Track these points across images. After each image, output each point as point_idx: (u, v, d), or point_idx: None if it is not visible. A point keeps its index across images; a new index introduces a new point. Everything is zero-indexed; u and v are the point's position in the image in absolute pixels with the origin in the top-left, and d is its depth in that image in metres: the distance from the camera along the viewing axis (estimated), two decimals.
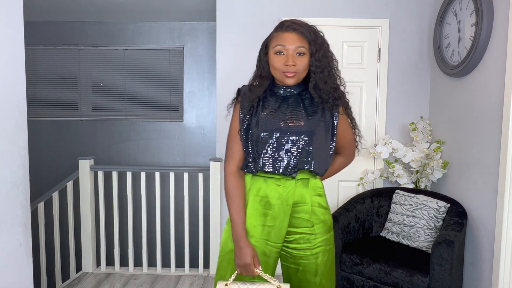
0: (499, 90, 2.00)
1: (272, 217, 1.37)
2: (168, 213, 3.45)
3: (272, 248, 1.38)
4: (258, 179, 1.40)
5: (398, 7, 2.87)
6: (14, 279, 1.32)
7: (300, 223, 1.40)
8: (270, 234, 1.37)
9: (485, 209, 2.13)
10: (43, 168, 4.14)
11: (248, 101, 1.40)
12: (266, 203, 1.38)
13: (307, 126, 1.37)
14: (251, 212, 1.38)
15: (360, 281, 2.23)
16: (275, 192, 1.37)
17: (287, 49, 1.31)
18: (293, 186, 1.38)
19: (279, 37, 1.33)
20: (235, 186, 1.38)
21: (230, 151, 1.42)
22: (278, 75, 1.36)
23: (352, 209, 2.49)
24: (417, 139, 2.70)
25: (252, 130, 1.38)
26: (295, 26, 1.32)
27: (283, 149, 1.36)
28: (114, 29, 4.10)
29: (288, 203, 1.38)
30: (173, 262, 3.10)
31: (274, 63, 1.34)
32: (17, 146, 1.33)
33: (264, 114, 1.39)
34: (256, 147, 1.38)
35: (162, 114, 4.24)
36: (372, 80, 2.89)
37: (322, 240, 1.42)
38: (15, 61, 1.32)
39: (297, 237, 1.40)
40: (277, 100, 1.41)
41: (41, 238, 3.02)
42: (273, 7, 2.88)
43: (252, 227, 1.37)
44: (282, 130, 1.36)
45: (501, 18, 2.01)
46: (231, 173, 1.39)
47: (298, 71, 1.33)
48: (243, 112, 1.40)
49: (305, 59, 1.33)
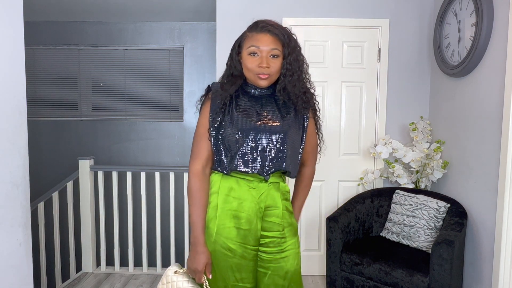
0: (499, 90, 2.00)
1: (246, 220, 1.34)
2: (168, 213, 3.45)
3: (251, 252, 1.35)
4: (229, 178, 1.35)
5: (398, 7, 2.87)
6: (14, 279, 1.32)
7: (271, 227, 1.37)
8: (248, 237, 1.34)
9: (485, 209, 2.13)
10: (43, 168, 4.14)
11: (220, 98, 1.35)
12: (239, 205, 1.34)
13: (282, 126, 1.35)
14: (223, 213, 1.34)
15: (360, 281, 2.23)
16: (248, 194, 1.34)
17: (261, 50, 1.29)
18: (266, 189, 1.36)
19: (253, 38, 1.31)
20: (198, 187, 1.33)
21: (196, 149, 1.37)
22: (251, 76, 1.34)
23: (352, 209, 2.50)
24: (417, 139, 2.70)
25: (225, 129, 1.34)
26: (270, 28, 1.30)
27: (258, 149, 1.33)
28: (114, 29, 4.10)
29: (261, 206, 1.35)
30: (173, 262, 3.09)
31: (248, 64, 1.32)
32: (17, 146, 1.33)
33: (238, 113, 1.35)
34: (229, 146, 1.33)
35: (162, 114, 4.24)
36: (372, 80, 2.89)
37: (291, 243, 1.40)
38: (15, 61, 1.32)
39: (267, 240, 1.37)
40: (250, 99, 1.38)
41: (41, 238, 3.02)
42: (273, 7, 2.88)
43: (225, 228, 1.33)
44: (257, 129, 1.33)
45: (501, 18, 2.01)
46: (195, 173, 1.34)
47: (271, 73, 1.31)
48: (214, 110, 1.35)
49: (279, 61, 1.32)
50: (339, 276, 2.31)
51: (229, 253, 1.33)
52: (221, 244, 1.33)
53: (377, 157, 2.74)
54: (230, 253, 1.33)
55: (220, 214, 1.34)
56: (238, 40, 1.38)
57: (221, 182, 1.36)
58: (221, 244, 1.33)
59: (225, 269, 1.33)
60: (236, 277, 1.34)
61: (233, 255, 1.33)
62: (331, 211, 2.91)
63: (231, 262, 1.33)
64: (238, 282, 1.34)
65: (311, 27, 2.86)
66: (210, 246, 1.33)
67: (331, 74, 2.89)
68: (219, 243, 1.33)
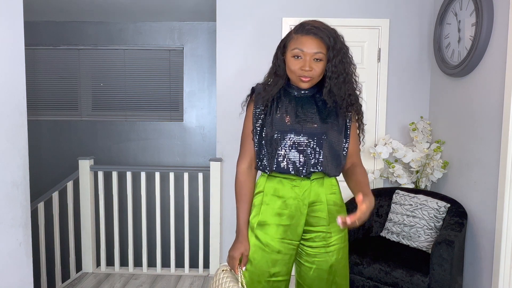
0: (499, 90, 2.00)
1: (288, 217, 1.40)
2: (168, 213, 3.45)
3: (288, 246, 1.41)
4: (273, 179, 1.42)
5: (398, 7, 2.87)
6: (14, 279, 1.32)
7: (317, 221, 1.42)
8: (287, 232, 1.40)
9: (485, 209, 2.13)
10: (43, 168, 4.14)
11: (262, 100, 1.41)
12: (283, 203, 1.40)
13: (320, 129, 1.38)
14: (266, 211, 1.41)
15: (360, 281, 2.23)
16: (292, 192, 1.40)
17: (305, 53, 1.31)
18: (309, 186, 1.40)
19: (298, 40, 1.32)
20: (242, 184, 1.43)
21: (243, 150, 1.46)
22: (293, 78, 1.37)
23: (352, 209, 2.49)
24: (417, 139, 2.70)
25: (266, 130, 1.40)
26: (315, 30, 1.31)
27: (295, 150, 1.38)
28: (114, 29, 4.10)
29: (305, 202, 1.40)
30: (173, 262, 3.10)
31: (291, 65, 1.34)
32: (17, 146, 1.33)
33: (279, 115, 1.40)
34: (270, 147, 1.40)
35: (162, 114, 4.24)
36: (372, 80, 2.89)
37: (337, 238, 1.44)
38: (15, 61, 1.32)
39: (313, 235, 1.42)
40: (291, 100, 1.42)
41: (41, 238, 3.02)
42: (273, 7, 2.88)
43: (266, 225, 1.41)
44: (295, 131, 1.38)
45: (501, 18, 2.01)
46: (242, 171, 1.44)
47: (313, 76, 1.34)
48: (257, 112, 1.42)
49: (322, 64, 1.33)
50: None
51: (267, 249, 1.39)
52: (261, 240, 1.40)
53: (377, 157, 2.74)
54: (267, 249, 1.39)
55: (263, 212, 1.42)
56: (284, 40, 1.40)
57: (266, 183, 1.44)
58: (261, 240, 1.40)
59: (261, 264, 1.40)
60: (270, 272, 1.40)
61: (270, 251, 1.39)
62: None
63: (267, 257, 1.39)
64: (271, 277, 1.40)
65: None
66: (250, 240, 1.41)
67: None
68: (259, 239, 1.40)
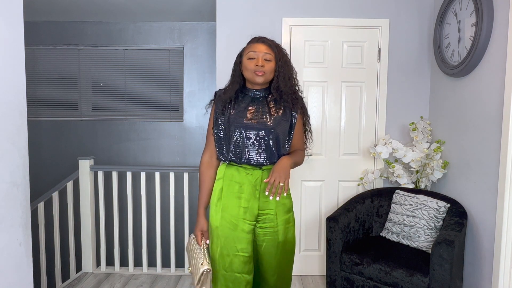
0: (499, 90, 2.00)
1: (245, 200, 1.67)
2: (168, 213, 3.45)
3: (248, 226, 1.67)
4: (231, 167, 1.70)
5: (398, 7, 2.87)
6: (14, 279, 1.32)
7: (266, 205, 1.69)
8: (246, 213, 1.67)
9: (485, 209, 2.13)
10: (43, 168, 4.14)
11: (222, 102, 1.72)
12: (239, 187, 1.67)
13: (270, 124, 1.65)
14: (227, 194, 1.69)
15: (360, 281, 2.23)
16: (246, 179, 1.67)
17: (257, 54, 1.65)
18: (260, 175, 1.68)
19: (251, 47, 1.68)
20: (203, 172, 1.76)
21: (206, 144, 1.79)
22: (249, 76, 1.66)
23: (352, 209, 2.49)
24: (417, 139, 2.70)
25: (225, 125, 1.69)
26: (264, 39, 1.69)
27: (248, 143, 1.65)
28: (114, 29, 4.10)
29: (257, 188, 1.67)
30: (173, 262, 3.10)
31: (247, 66, 1.65)
32: (17, 146, 1.33)
33: (234, 112, 1.68)
34: (227, 140, 1.68)
35: (162, 114, 4.24)
36: (372, 80, 2.89)
37: (282, 219, 1.71)
38: (15, 61, 1.32)
39: (264, 217, 1.70)
40: (245, 100, 1.71)
41: (41, 238, 3.02)
42: (273, 7, 2.87)
43: (229, 206, 1.67)
44: (247, 127, 1.65)
45: (501, 18, 2.01)
46: (203, 161, 1.77)
47: (266, 71, 1.64)
48: (217, 112, 1.72)
49: (271, 64, 1.66)
50: (339, 276, 2.31)
51: (232, 227, 1.65)
52: (226, 220, 1.66)
53: (377, 157, 2.74)
54: (233, 227, 1.65)
55: (225, 195, 1.69)
56: (240, 53, 1.73)
57: (225, 170, 1.71)
58: (226, 220, 1.66)
59: (228, 240, 1.65)
60: (237, 247, 1.65)
61: (235, 229, 1.65)
62: (331, 211, 2.91)
63: (233, 234, 1.65)
64: (238, 252, 1.65)
65: (311, 27, 2.86)
66: (218, 221, 1.67)
67: (331, 74, 2.89)
68: (225, 219, 1.66)
